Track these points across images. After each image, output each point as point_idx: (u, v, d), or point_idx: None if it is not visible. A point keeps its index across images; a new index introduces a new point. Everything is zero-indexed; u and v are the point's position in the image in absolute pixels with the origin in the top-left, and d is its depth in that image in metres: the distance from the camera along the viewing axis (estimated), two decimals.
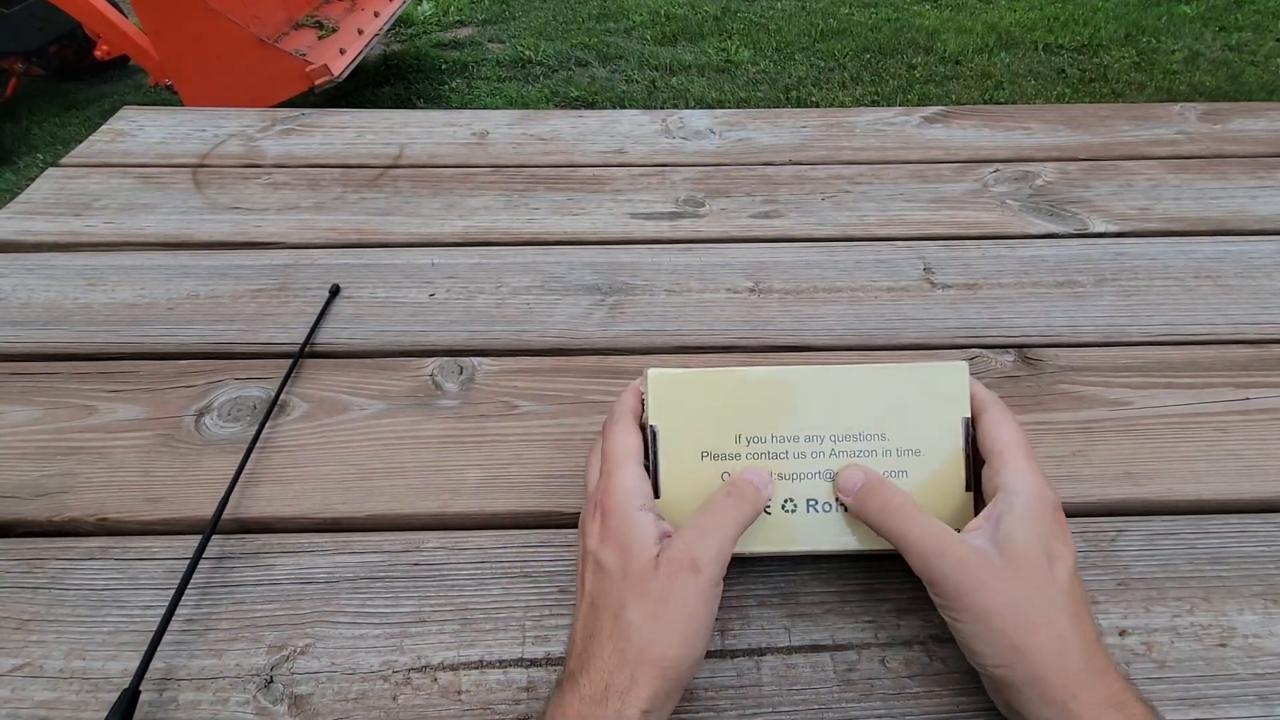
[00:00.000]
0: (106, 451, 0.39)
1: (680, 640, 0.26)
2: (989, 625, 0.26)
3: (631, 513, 0.29)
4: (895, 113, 0.71)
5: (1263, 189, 0.59)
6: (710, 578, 0.27)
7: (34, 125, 2.42)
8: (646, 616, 0.26)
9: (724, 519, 0.29)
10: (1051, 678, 0.25)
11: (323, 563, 0.34)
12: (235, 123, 0.70)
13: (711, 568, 0.27)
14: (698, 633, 0.27)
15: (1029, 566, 0.27)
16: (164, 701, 0.30)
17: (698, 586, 0.26)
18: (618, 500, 0.29)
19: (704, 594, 0.27)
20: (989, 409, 0.31)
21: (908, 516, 0.29)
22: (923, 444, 0.32)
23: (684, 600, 0.26)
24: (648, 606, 0.26)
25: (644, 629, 0.26)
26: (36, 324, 0.47)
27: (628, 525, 0.28)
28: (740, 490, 0.30)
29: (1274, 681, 0.30)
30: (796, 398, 0.32)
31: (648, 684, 0.25)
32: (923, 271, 0.51)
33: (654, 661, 0.25)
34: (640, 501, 0.29)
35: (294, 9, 2.28)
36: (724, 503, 0.30)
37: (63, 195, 0.59)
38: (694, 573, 0.26)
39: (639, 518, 0.28)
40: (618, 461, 0.30)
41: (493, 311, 0.48)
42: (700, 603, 0.27)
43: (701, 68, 2.68)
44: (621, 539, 0.28)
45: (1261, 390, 0.42)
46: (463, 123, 0.70)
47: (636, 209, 0.58)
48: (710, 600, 0.27)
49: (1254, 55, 2.60)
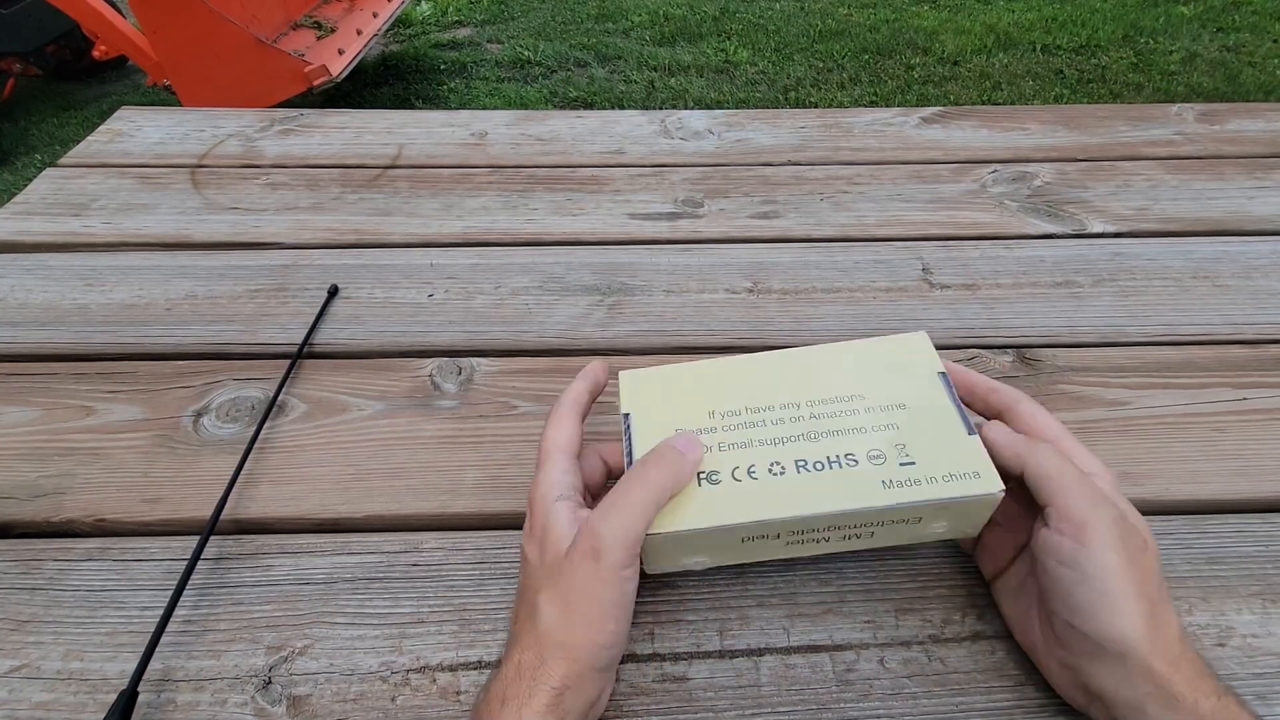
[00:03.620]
0: (104, 452, 0.39)
1: (584, 624, 0.26)
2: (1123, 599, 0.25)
3: (549, 505, 0.29)
4: (894, 113, 0.71)
5: (1260, 189, 0.59)
6: (612, 562, 0.26)
7: (32, 125, 2.42)
8: (552, 603, 0.27)
9: (634, 496, 0.27)
10: (1122, 636, 0.25)
11: (321, 563, 0.34)
12: (234, 123, 0.70)
13: (613, 552, 0.26)
14: (602, 618, 0.26)
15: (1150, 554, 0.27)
16: (162, 703, 0.30)
17: (597, 572, 0.26)
18: (540, 493, 0.29)
19: (604, 579, 0.26)
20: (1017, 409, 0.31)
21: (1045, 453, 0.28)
22: (904, 398, 0.31)
23: (584, 587, 0.26)
24: (556, 594, 0.27)
25: (549, 615, 0.26)
26: (34, 324, 0.47)
27: (545, 517, 0.29)
28: (660, 457, 0.29)
29: (1273, 681, 0.30)
30: (766, 376, 0.32)
31: (556, 664, 0.26)
32: (921, 272, 0.51)
33: (559, 645, 0.26)
34: (559, 493, 0.29)
35: (292, 9, 2.28)
36: (638, 476, 0.28)
37: (61, 195, 0.59)
38: (594, 559, 0.26)
39: (555, 509, 0.29)
40: (545, 455, 0.31)
41: (491, 312, 0.48)
42: (601, 588, 0.26)
43: (700, 68, 2.68)
44: (540, 531, 0.28)
45: (1259, 390, 0.42)
46: (461, 123, 0.70)
47: (635, 209, 0.58)
48: (612, 584, 0.26)
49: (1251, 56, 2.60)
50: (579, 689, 0.26)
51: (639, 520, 0.27)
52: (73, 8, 2.02)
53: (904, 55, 2.73)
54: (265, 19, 2.13)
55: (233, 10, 1.92)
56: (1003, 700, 0.30)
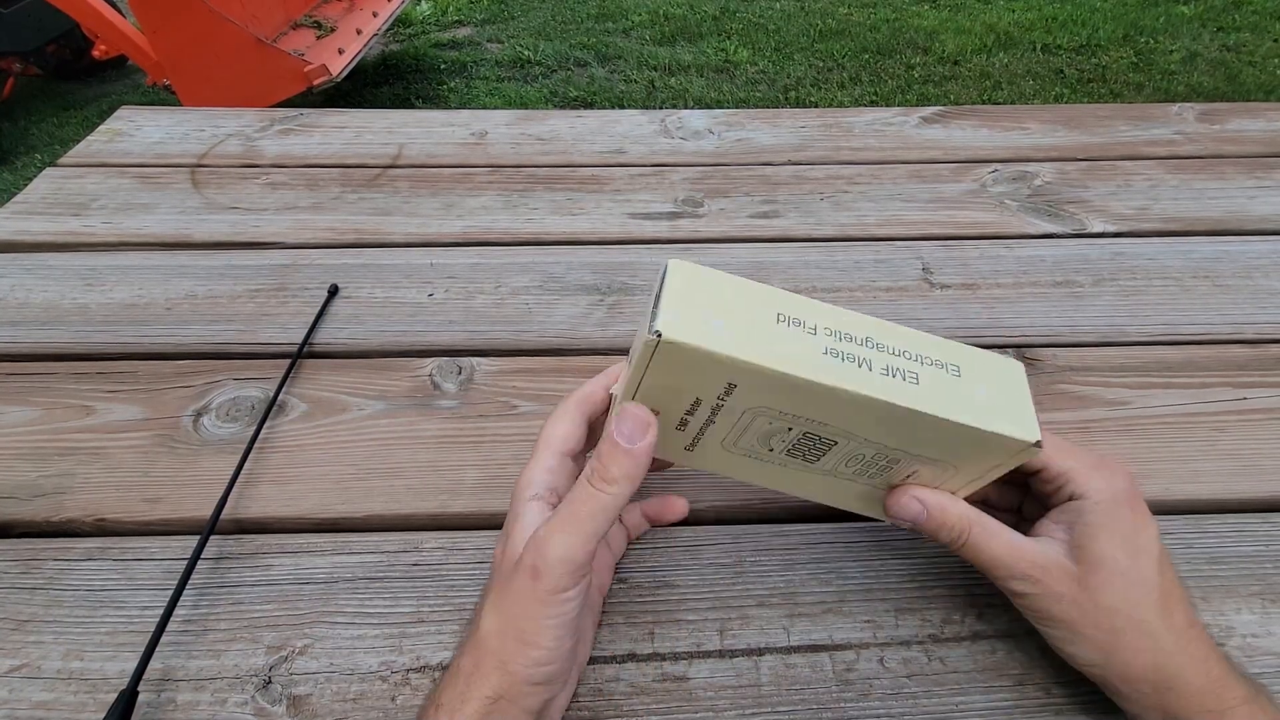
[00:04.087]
0: (104, 452, 0.39)
1: (517, 639, 0.25)
2: (1076, 632, 0.27)
3: (522, 502, 0.28)
4: (894, 113, 0.71)
5: (1260, 189, 0.59)
6: (551, 585, 0.25)
7: (32, 125, 2.42)
8: (494, 612, 0.26)
9: (581, 510, 0.25)
10: (1143, 675, 0.26)
11: (321, 563, 0.34)
12: (233, 123, 0.70)
13: (553, 574, 0.25)
14: (537, 634, 0.25)
15: (1107, 570, 0.27)
16: (162, 702, 0.30)
17: (534, 592, 0.25)
18: (518, 487, 0.29)
19: (541, 599, 0.25)
20: None
21: (986, 536, 0.28)
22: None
23: (521, 603, 0.25)
24: (496, 602, 0.26)
25: (488, 623, 0.26)
26: (34, 324, 0.47)
27: (513, 516, 0.28)
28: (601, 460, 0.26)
29: (1272, 681, 0.30)
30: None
31: (490, 674, 0.25)
32: (921, 271, 0.51)
33: (493, 653, 0.25)
34: (533, 491, 0.28)
35: (292, 9, 2.28)
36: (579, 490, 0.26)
37: (60, 195, 0.59)
38: (533, 578, 0.25)
39: (526, 508, 0.28)
40: (535, 448, 0.30)
41: (491, 311, 0.48)
42: (538, 607, 0.25)
43: (700, 68, 2.68)
44: (507, 529, 0.28)
45: (1259, 390, 0.42)
46: (461, 123, 0.69)
47: (635, 209, 0.58)
48: (550, 605, 0.25)
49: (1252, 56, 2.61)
50: (515, 700, 0.25)
51: (588, 539, 0.25)
52: (73, 7, 2.03)
53: (904, 55, 2.73)
54: (265, 19, 2.13)
55: (232, 10, 1.92)
56: (1003, 700, 0.30)
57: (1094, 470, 0.28)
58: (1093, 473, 0.28)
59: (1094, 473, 0.28)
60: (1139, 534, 0.27)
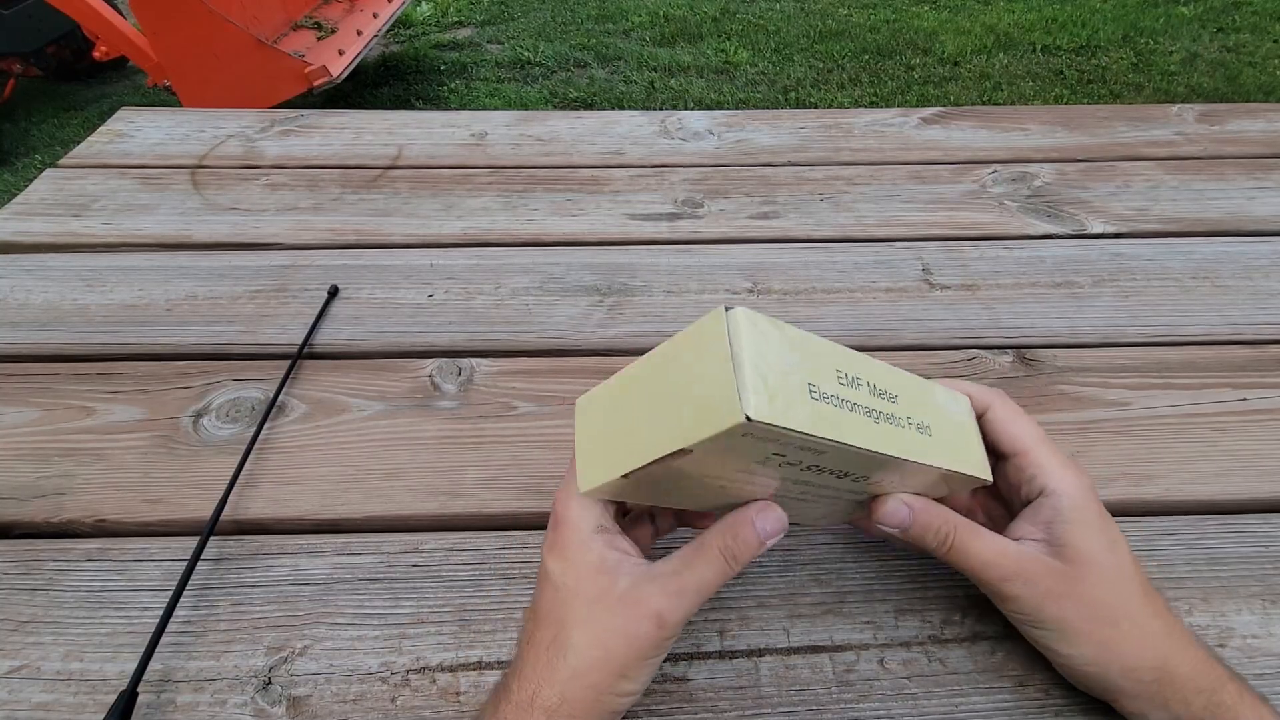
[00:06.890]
0: (104, 453, 0.39)
1: (618, 674, 0.25)
2: (1072, 630, 0.27)
3: (586, 534, 0.27)
4: (894, 114, 0.71)
5: (1260, 190, 0.59)
6: (671, 635, 0.26)
7: (32, 126, 2.42)
8: (590, 644, 0.25)
9: (706, 579, 0.26)
10: (1141, 665, 0.26)
11: (321, 564, 0.34)
12: (234, 124, 0.70)
13: (675, 627, 0.26)
14: (639, 673, 0.26)
15: (1094, 565, 0.27)
16: (162, 703, 0.30)
17: (654, 638, 0.25)
18: (573, 514, 0.27)
19: (660, 645, 0.26)
20: (994, 404, 0.30)
21: (971, 537, 0.28)
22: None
23: (638, 645, 0.25)
24: (593, 635, 0.25)
25: (588, 658, 0.25)
26: (34, 325, 0.47)
27: (580, 543, 0.27)
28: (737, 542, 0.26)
29: (1273, 681, 0.30)
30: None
31: (575, 705, 0.24)
32: (921, 272, 0.51)
33: (591, 687, 0.25)
34: (596, 523, 0.27)
35: (293, 10, 2.28)
36: (713, 560, 0.26)
37: (61, 196, 0.59)
38: (657, 627, 0.25)
39: (592, 539, 0.27)
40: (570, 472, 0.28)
41: (491, 312, 0.48)
42: (653, 650, 0.25)
43: (700, 69, 2.68)
44: (572, 554, 0.26)
45: (1259, 391, 0.42)
46: (461, 124, 0.70)
47: (635, 210, 0.58)
48: (663, 648, 0.26)
49: (1252, 56, 2.60)
50: None
51: (703, 601, 0.26)
52: (73, 8, 2.03)
53: (904, 56, 2.73)
54: (265, 20, 2.13)
55: (233, 11, 1.92)
56: (1002, 700, 0.30)
57: (1064, 467, 0.29)
58: (1063, 470, 0.29)
59: (1064, 470, 0.29)
60: (1110, 528, 0.28)
